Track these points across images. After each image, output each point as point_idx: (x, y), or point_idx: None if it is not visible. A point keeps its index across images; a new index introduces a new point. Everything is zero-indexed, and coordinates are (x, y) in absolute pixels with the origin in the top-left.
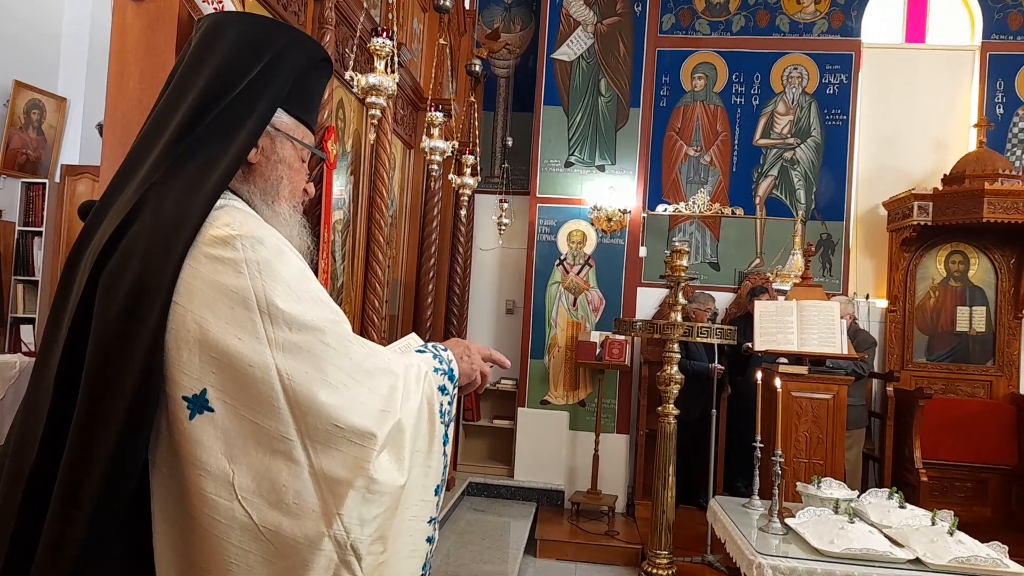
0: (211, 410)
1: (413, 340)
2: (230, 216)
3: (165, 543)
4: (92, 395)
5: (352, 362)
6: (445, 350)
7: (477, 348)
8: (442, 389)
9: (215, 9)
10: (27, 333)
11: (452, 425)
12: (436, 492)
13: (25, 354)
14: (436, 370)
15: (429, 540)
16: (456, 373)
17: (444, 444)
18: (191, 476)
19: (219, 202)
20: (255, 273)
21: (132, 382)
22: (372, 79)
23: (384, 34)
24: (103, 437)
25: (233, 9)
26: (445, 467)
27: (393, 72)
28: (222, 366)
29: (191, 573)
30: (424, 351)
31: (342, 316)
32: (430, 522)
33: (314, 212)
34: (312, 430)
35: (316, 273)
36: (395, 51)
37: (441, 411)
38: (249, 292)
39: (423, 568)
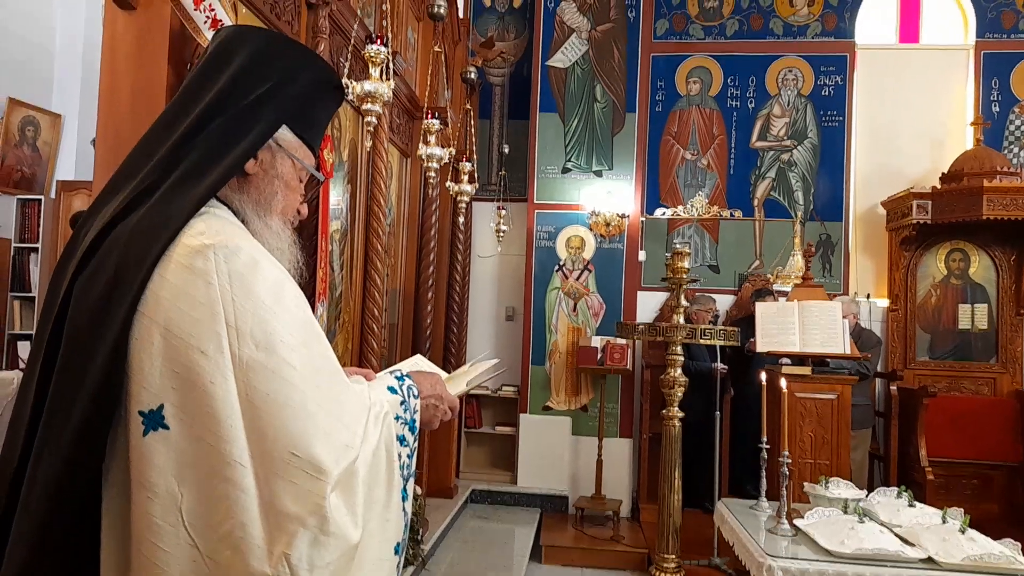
0: (166, 428)
1: (420, 362)
2: (206, 224)
3: (111, 567)
4: (55, 398)
5: (319, 390)
6: (416, 396)
7: (448, 396)
8: (401, 440)
9: (207, 18)
10: (25, 350)
11: (412, 480)
12: (396, 551)
13: (23, 371)
14: (398, 418)
15: None
16: (418, 424)
17: (404, 499)
18: (139, 499)
19: (201, 210)
20: (226, 285)
21: (91, 387)
22: (368, 86)
23: (379, 41)
24: (59, 439)
25: (226, 17)
26: (406, 526)
27: (388, 79)
28: (182, 381)
29: None
30: (396, 392)
31: (317, 333)
32: None
33: (311, 222)
34: (266, 456)
35: (315, 283)
36: (390, 58)
37: (400, 463)
38: (218, 304)
39: None
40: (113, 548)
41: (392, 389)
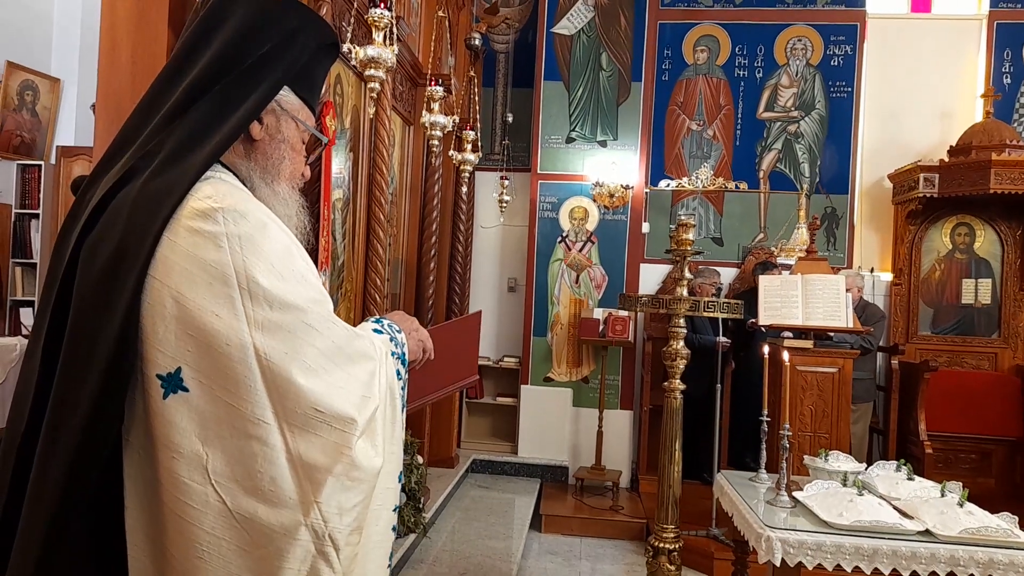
0: (186, 390)
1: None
2: (213, 188)
3: (138, 528)
4: (68, 364)
5: (334, 344)
6: (400, 331)
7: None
8: (397, 374)
9: None
10: (27, 316)
11: (405, 411)
12: (399, 479)
13: (25, 337)
14: (392, 354)
15: (393, 529)
16: (407, 357)
17: (402, 430)
18: (163, 459)
19: (206, 174)
20: (236, 248)
21: (106, 351)
22: (371, 51)
23: (382, 5)
24: (75, 406)
25: None
26: (402, 454)
27: (392, 44)
28: (198, 344)
29: (162, 560)
30: (381, 331)
31: (326, 296)
32: (394, 510)
33: (314, 190)
34: (290, 413)
35: (317, 251)
36: (393, 23)
37: (400, 395)
38: (229, 267)
39: (389, 558)
40: (138, 510)
41: (377, 331)
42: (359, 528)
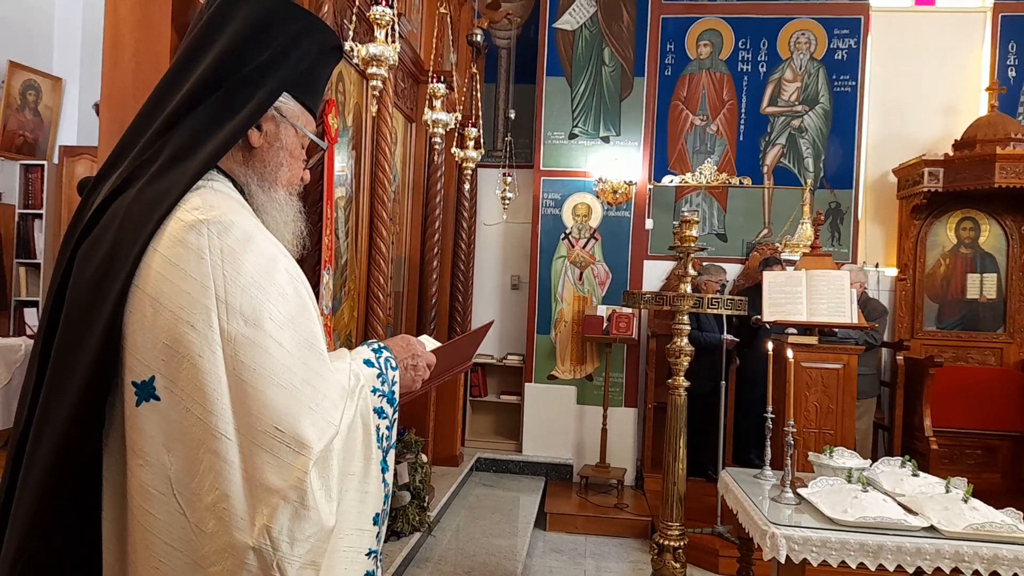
0: (157, 399)
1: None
2: (202, 199)
3: (112, 532)
4: (56, 367)
5: (305, 366)
6: (395, 368)
7: (423, 352)
8: (379, 412)
9: None
10: (31, 316)
11: (393, 452)
12: (375, 521)
13: (29, 337)
14: (375, 390)
15: (369, 575)
16: (396, 395)
17: (383, 471)
18: (132, 465)
19: (199, 183)
20: (217, 261)
21: (89, 356)
22: (373, 49)
23: (384, 2)
24: (59, 409)
25: None
26: (387, 496)
27: (394, 42)
28: (172, 354)
29: (128, 567)
30: (373, 365)
31: (306, 312)
32: (369, 555)
33: (316, 189)
34: (250, 430)
35: (320, 251)
36: (395, 20)
37: (378, 435)
38: (209, 280)
39: None
40: (113, 515)
41: (369, 362)
42: (314, 563)
